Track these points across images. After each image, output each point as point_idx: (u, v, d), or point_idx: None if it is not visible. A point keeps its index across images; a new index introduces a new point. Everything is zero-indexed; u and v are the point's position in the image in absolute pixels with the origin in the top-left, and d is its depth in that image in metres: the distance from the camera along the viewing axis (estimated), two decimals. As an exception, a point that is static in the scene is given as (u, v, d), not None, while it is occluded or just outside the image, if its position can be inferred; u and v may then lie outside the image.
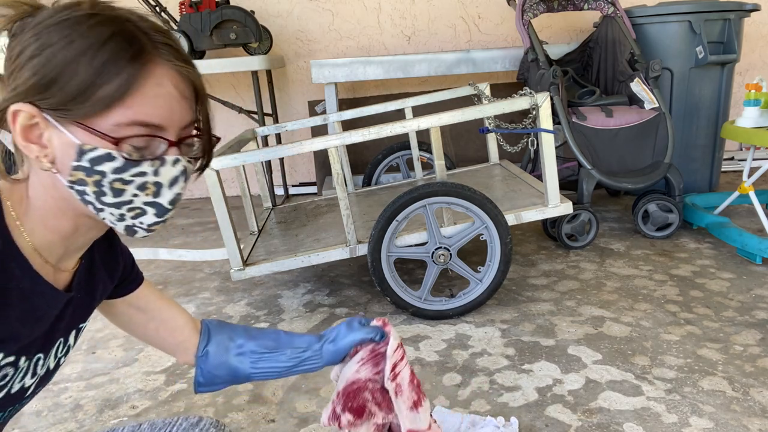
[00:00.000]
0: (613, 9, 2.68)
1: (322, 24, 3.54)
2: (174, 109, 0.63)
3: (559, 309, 1.91)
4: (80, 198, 0.63)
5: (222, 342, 0.90)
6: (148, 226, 0.68)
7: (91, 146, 0.60)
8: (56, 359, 0.77)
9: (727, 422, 1.31)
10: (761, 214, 2.32)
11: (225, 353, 0.90)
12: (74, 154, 0.61)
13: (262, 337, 0.92)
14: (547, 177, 1.94)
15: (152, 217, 0.67)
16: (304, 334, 0.94)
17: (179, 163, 0.65)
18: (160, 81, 0.61)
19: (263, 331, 0.93)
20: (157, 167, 0.64)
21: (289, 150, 1.81)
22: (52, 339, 0.73)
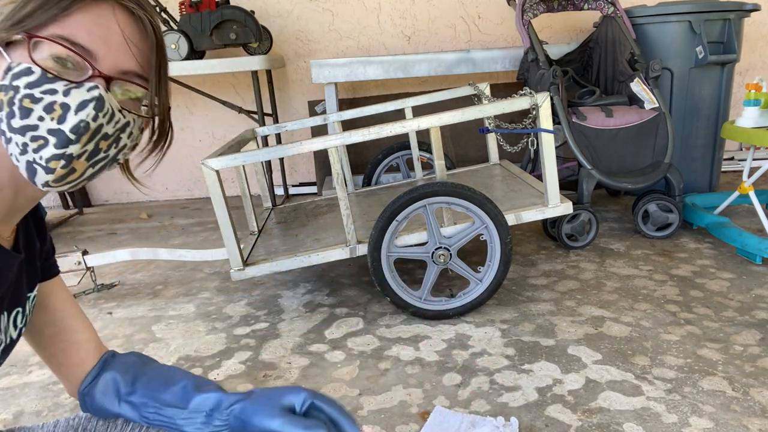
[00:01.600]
0: (613, 9, 2.68)
1: (322, 24, 3.54)
2: (111, 43, 0.61)
3: (559, 309, 1.91)
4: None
5: (112, 385, 0.78)
6: (47, 160, 0.60)
7: (17, 62, 0.58)
8: (17, 329, 0.73)
9: (727, 422, 1.31)
10: (761, 214, 2.32)
11: (112, 401, 0.78)
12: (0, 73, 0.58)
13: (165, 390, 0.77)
14: (547, 177, 1.94)
15: (52, 149, 0.59)
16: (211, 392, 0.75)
17: (96, 90, 0.60)
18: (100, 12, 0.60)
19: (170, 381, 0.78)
20: (70, 87, 0.59)
21: (289, 150, 1.81)
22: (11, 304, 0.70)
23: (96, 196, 3.91)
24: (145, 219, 3.37)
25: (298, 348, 1.78)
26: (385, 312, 1.98)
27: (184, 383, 0.77)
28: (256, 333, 1.89)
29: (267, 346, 1.80)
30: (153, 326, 2.00)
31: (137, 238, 3.04)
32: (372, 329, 1.86)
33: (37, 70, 0.58)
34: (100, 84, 0.60)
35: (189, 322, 2.00)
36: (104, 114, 0.61)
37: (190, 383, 0.77)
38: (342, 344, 1.78)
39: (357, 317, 1.95)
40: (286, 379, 1.61)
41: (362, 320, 1.93)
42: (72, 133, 0.59)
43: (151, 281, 2.42)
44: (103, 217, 3.54)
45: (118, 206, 3.81)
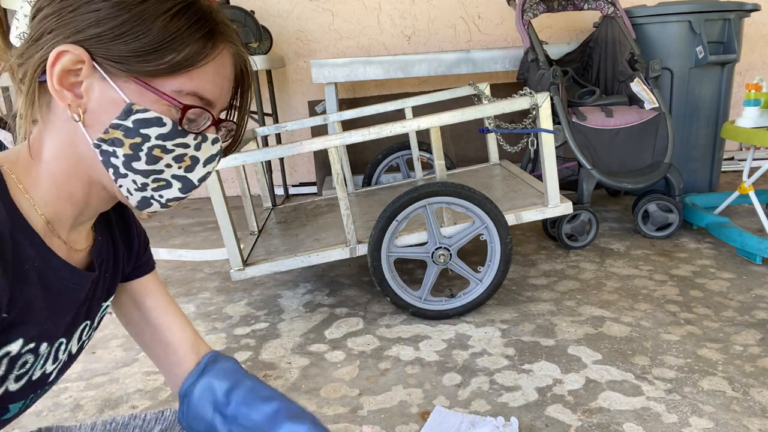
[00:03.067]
0: (613, 9, 2.68)
1: (322, 24, 3.54)
2: (224, 91, 0.64)
3: (559, 309, 1.91)
4: (103, 159, 0.60)
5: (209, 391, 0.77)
6: (167, 200, 0.64)
7: (142, 107, 0.58)
8: (80, 342, 0.72)
9: (727, 422, 1.31)
10: (761, 214, 2.32)
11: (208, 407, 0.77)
12: (118, 112, 0.58)
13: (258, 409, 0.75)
14: (547, 177, 1.94)
15: (176, 192, 0.64)
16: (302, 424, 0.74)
17: (218, 144, 0.65)
18: (222, 62, 0.63)
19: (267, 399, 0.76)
20: (199, 141, 0.63)
21: (289, 150, 1.81)
22: (76, 323, 0.70)
23: (96, 196, 3.90)
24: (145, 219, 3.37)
25: (298, 348, 1.78)
26: (385, 312, 1.98)
27: (278, 406, 0.76)
28: (256, 333, 1.89)
29: (267, 346, 1.80)
30: (153, 326, 1.99)
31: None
32: (372, 329, 1.86)
33: (169, 122, 0.60)
34: (219, 136, 0.65)
35: (189, 322, 2.00)
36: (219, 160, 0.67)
37: (283, 407, 0.76)
38: (342, 344, 1.78)
39: (357, 317, 1.95)
40: (286, 379, 1.61)
41: (362, 320, 1.93)
42: (199, 182, 0.65)
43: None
44: (103, 217, 3.54)
45: (118, 206, 3.81)
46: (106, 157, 0.60)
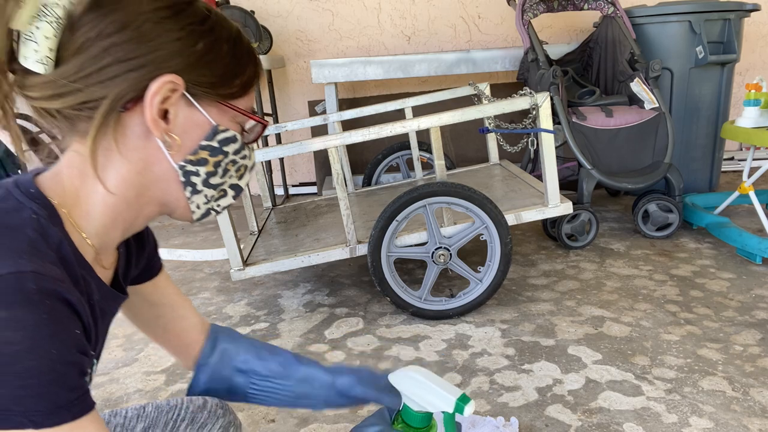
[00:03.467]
0: (613, 9, 2.68)
1: (322, 24, 3.54)
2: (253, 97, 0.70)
3: (559, 309, 1.91)
4: (185, 179, 0.63)
5: (226, 354, 0.83)
6: (223, 208, 0.69)
7: (224, 127, 0.63)
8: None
9: (727, 422, 1.31)
10: (761, 214, 2.32)
11: (226, 368, 0.83)
12: (204, 133, 0.62)
13: (271, 359, 0.84)
14: (547, 177, 1.94)
15: (230, 199, 0.69)
16: (316, 367, 0.83)
17: (253, 150, 0.71)
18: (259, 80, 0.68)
19: (273, 352, 0.85)
20: (250, 152, 0.69)
21: (289, 150, 1.81)
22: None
23: (96, 196, 3.90)
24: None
25: (298, 348, 1.78)
26: (385, 312, 1.98)
27: (286, 355, 0.84)
28: (256, 333, 1.89)
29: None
30: (153, 326, 1.99)
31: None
32: (372, 329, 1.86)
33: (239, 138, 0.65)
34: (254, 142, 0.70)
35: (189, 322, 2.00)
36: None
37: (290, 355, 0.84)
38: (342, 344, 1.78)
39: (357, 317, 1.95)
40: (286, 379, 1.61)
41: (362, 320, 1.93)
42: (245, 186, 0.71)
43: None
44: (103, 217, 3.54)
45: (118, 206, 3.81)
46: (188, 177, 0.63)
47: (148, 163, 0.61)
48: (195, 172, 0.63)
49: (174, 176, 0.62)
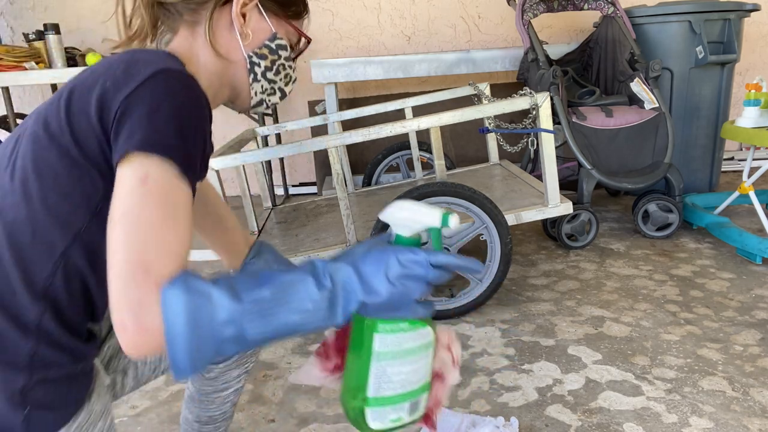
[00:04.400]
0: (613, 9, 2.68)
1: (322, 24, 3.54)
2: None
3: (559, 309, 1.91)
4: (250, 67, 0.85)
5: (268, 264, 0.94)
6: (271, 103, 0.91)
7: (281, 36, 0.87)
8: None
9: (727, 422, 1.31)
10: (761, 214, 2.32)
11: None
12: (267, 36, 0.85)
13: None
14: (547, 177, 1.94)
15: (277, 98, 0.91)
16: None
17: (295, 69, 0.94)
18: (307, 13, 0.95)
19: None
20: (295, 66, 0.92)
21: (289, 150, 1.81)
22: None
23: (96, 196, 3.90)
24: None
25: (298, 348, 1.78)
26: (385, 312, 1.97)
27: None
28: (256, 333, 1.89)
29: (267, 346, 1.80)
30: (153, 326, 1.99)
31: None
32: (372, 329, 1.86)
33: (289, 48, 0.89)
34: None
35: (189, 322, 2.00)
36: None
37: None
38: (342, 344, 1.78)
39: (357, 317, 1.95)
40: (286, 379, 1.61)
41: (362, 320, 1.93)
42: (288, 93, 0.93)
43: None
44: (103, 217, 3.54)
45: (118, 206, 3.81)
46: (252, 66, 0.85)
47: (229, 49, 0.83)
48: (258, 64, 0.85)
49: (243, 63, 0.85)
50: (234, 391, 1.06)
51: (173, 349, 0.57)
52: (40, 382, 0.68)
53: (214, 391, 1.04)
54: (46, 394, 0.69)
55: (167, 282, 0.58)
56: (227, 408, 1.07)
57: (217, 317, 0.57)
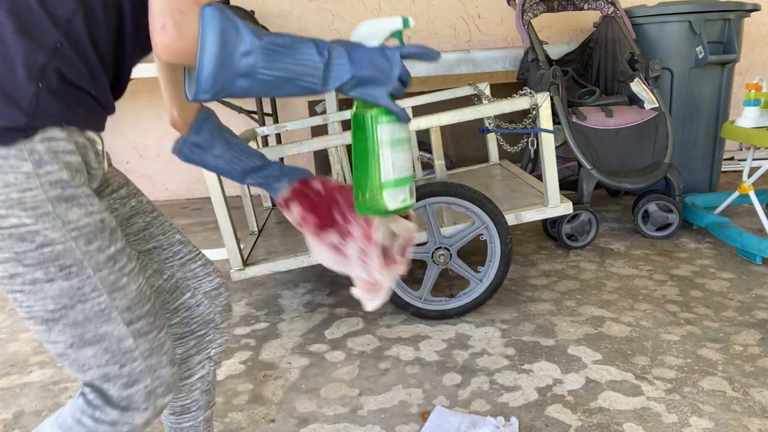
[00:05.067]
0: (613, 9, 2.68)
1: (322, 24, 3.54)
2: None
3: (559, 309, 1.91)
4: None
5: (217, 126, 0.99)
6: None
7: None
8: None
9: (727, 422, 1.31)
10: (761, 214, 2.32)
11: (217, 136, 0.99)
12: None
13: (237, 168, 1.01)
14: (547, 177, 1.94)
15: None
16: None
17: None
18: None
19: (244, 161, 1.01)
20: None
21: (289, 150, 1.81)
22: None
23: (96, 196, 3.91)
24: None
25: (298, 348, 1.78)
26: (385, 312, 1.97)
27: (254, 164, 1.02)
28: (256, 333, 1.89)
29: (267, 346, 1.80)
30: (153, 326, 1.99)
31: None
32: (372, 329, 1.86)
33: None
34: None
35: (189, 322, 2.00)
36: None
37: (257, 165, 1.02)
38: (342, 344, 1.78)
39: (357, 317, 1.95)
40: (286, 379, 1.61)
41: (362, 320, 1.93)
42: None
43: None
44: (103, 217, 3.54)
45: (118, 206, 3.81)
46: None
47: None
48: None
49: None
50: (199, 378, 1.06)
51: (202, 60, 0.67)
52: (57, 72, 0.73)
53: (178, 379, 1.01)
54: (60, 87, 0.74)
55: (207, 3, 0.68)
56: (197, 396, 1.08)
57: (239, 46, 0.69)
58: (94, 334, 0.82)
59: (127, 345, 0.84)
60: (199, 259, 1.05)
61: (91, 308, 0.81)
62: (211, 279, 1.06)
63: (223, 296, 1.07)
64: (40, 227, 0.75)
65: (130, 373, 0.85)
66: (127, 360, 0.85)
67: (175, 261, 1.02)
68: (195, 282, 1.04)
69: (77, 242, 0.78)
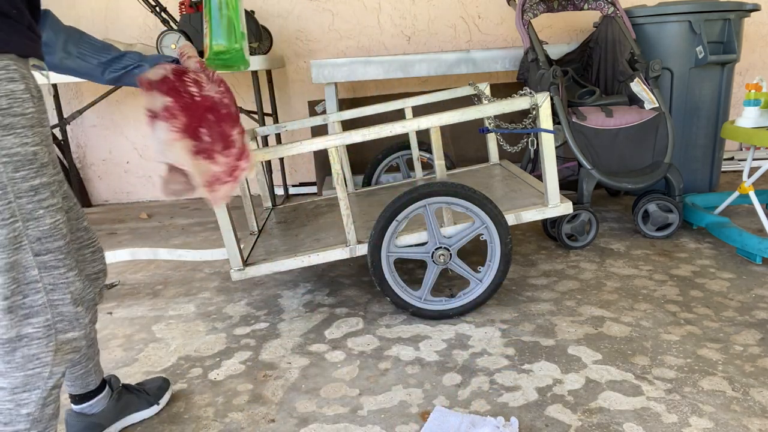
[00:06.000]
0: (613, 9, 2.68)
1: (322, 24, 3.54)
2: None
3: (559, 309, 1.91)
4: None
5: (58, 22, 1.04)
6: None
7: None
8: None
9: (727, 422, 1.31)
10: (761, 214, 2.32)
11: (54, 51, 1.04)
12: None
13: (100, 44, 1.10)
14: (547, 177, 1.94)
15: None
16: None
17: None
18: None
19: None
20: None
21: (289, 150, 1.81)
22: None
23: (96, 196, 3.91)
24: (145, 219, 3.37)
25: (298, 348, 1.78)
26: (385, 312, 1.98)
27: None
28: (256, 333, 1.89)
29: (267, 346, 1.80)
30: (153, 326, 2.00)
31: (137, 238, 3.04)
32: (372, 329, 1.86)
33: None
34: None
35: (189, 322, 2.00)
36: None
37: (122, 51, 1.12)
38: (342, 344, 1.78)
39: (357, 317, 1.95)
40: (286, 379, 1.61)
41: (362, 320, 1.93)
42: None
43: (151, 281, 2.42)
44: (103, 217, 3.54)
45: (118, 206, 3.81)
46: None
47: None
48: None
49: None
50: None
51: None
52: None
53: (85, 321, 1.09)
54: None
55: None
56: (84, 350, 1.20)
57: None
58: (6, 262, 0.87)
59: (31, 275, 0.89)
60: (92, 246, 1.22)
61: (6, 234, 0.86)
62: (95, 265, 1.23)
63: (101, 280, 1.25)
64: None
65: (31, 305, 0.89)
66: (30, 291, 0.89)
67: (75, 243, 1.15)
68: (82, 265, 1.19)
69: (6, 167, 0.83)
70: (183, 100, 1.13)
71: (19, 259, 0.87)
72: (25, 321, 0.90)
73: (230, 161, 1.27)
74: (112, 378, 1.42)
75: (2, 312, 0.88)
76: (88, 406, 1.34)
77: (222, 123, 1.21)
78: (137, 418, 1.46)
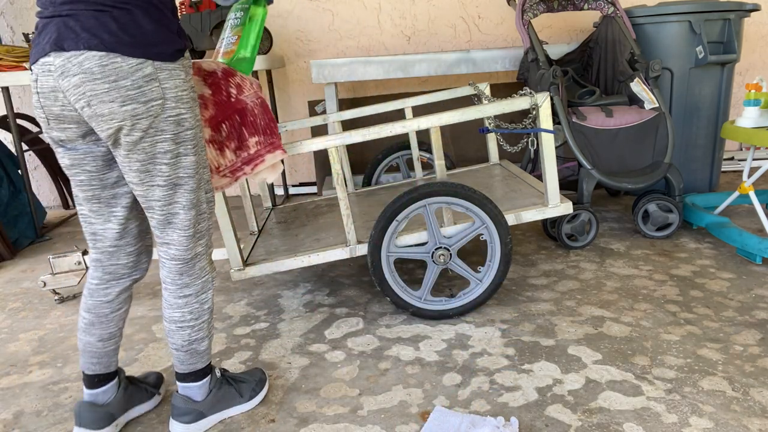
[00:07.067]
0: (613, 9, 2.68)
1: (322, 24, 3.54)
2: None
3: (559, 309, 1.91)
4: None
5: None
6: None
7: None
8: None
9: (727, 422, 1.31)
10: (761, 214, 2.32)
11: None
12: None
13: None
14: (547, 177, 1.94)
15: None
16: None
17: None
18: None
19: None
20: None
21: (289, 150, 1.81)
22: None
23: (96, 196, 3.90)
24: (145, 219, 3.37)
25: (298, 348, 1.78)
26: (385, 312, 1.98)
27: None
28: (256, 333, 1.89)
29: (267, 346, 1.80)
30: (153, 326, 2.00)
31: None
32: (372, 329, 1.86)
33: None
34: None
35: (189, 322, 2.00)
36: None
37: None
38: (342, 344, 1.78)
39: (357, 317, 1.95)
40: (286, 379, 1.61)
41: (362, 320, 1.93)
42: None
43: (151, 281, 2.42)
44: (103, 217, 3.54)
45: (118, 206, 3.81)
46: None
47: None
48: None
49: None
50: (125, 310, 1.40)
51: None
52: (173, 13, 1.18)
53: (111, 311, 1.36)
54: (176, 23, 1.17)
55: None
56: (122, 324, 1.40)
57: None
58: (197, 198, 1.24)
59: (203, 208, 1.27)
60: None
61: (200, 178, 1.23)
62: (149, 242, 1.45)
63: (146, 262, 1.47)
64: (189, 116, 1.17)
65: (201, 231, 1.27)
66: (203, 219, 1.28)
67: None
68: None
69: (201, 130, 1.22)
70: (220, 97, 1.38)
71: (200, 196, 1.25)
72: (197, 243, 1.27)
73: (237, 161, 1.48)
74: (119, 369, 1.46)
75: (188, 238, 1.25)
76: (101, 392, 1.39)
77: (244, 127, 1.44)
78: (142, 410, 1.49)
